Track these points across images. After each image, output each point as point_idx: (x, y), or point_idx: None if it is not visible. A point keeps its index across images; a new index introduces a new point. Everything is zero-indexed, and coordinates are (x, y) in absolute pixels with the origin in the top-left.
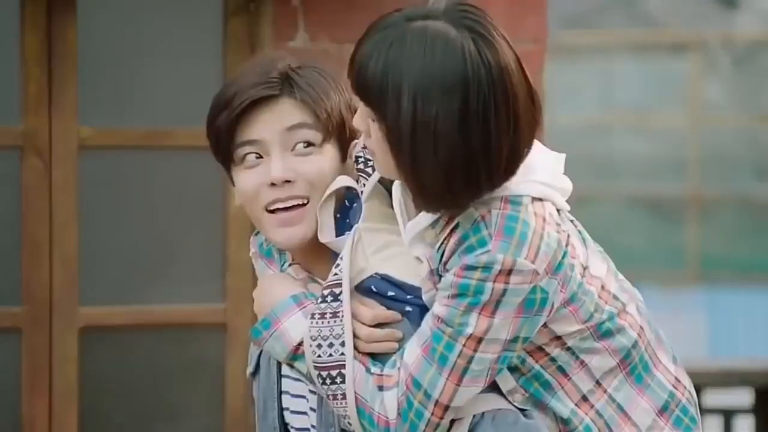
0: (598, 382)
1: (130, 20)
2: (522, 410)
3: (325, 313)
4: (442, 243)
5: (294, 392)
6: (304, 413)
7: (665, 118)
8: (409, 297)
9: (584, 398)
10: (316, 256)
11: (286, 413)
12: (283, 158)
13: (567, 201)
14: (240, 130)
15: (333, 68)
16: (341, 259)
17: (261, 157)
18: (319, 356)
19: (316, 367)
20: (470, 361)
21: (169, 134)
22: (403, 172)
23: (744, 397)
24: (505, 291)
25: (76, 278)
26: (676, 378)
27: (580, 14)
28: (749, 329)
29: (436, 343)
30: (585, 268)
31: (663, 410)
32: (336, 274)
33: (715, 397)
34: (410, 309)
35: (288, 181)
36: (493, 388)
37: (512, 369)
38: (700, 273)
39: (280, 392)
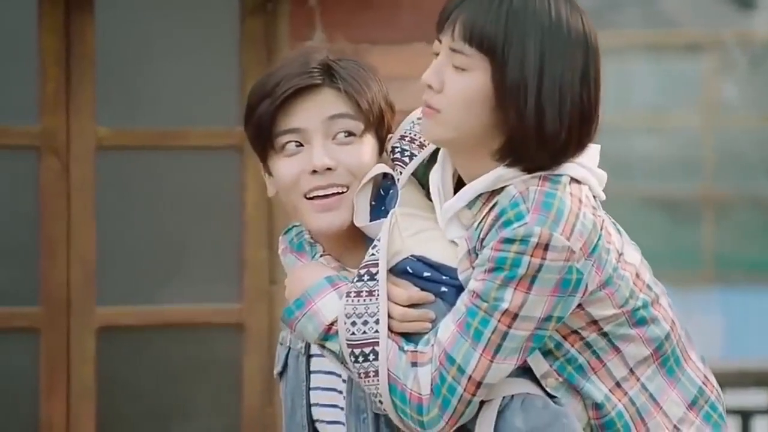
0: (631, 371)
1: (148, 20)
2: (552, 397)
3: (361, 292)
4: (481, 222)
5: (325, 386)
6: (336, 406)
7: (680, 119)
8: (444, 278)
9: (617, 385)
10: (348, 246)
11: (315, 408)
12: (325, 146)
13: None
14: (282, 119)
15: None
16: (378, 240)
17: (301, 145)
18: (353, 334)
19: (349, 345)
20: (504, 337)
21: (187, 134)
22: (515, 117)
23: (761, 397)
24: (541, 266)
25: (93, 278)
26: (704, 375)
27: (595, 14)
28: (764, 329)
29: (471, 318)
30: (620, 254)
31: (692, 405)
32: (373, 254)
33: (730, 398)
34: (446, 289)
35: (329, 169)
36: (524, 372)
37: (547, 353)
38: (715, 273)
39: (309, 389)
